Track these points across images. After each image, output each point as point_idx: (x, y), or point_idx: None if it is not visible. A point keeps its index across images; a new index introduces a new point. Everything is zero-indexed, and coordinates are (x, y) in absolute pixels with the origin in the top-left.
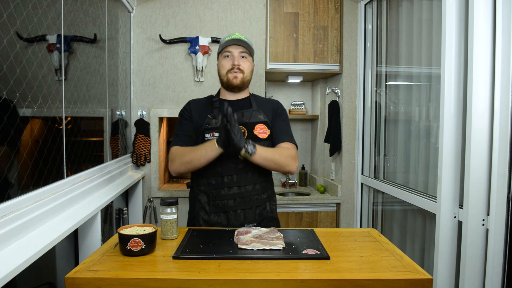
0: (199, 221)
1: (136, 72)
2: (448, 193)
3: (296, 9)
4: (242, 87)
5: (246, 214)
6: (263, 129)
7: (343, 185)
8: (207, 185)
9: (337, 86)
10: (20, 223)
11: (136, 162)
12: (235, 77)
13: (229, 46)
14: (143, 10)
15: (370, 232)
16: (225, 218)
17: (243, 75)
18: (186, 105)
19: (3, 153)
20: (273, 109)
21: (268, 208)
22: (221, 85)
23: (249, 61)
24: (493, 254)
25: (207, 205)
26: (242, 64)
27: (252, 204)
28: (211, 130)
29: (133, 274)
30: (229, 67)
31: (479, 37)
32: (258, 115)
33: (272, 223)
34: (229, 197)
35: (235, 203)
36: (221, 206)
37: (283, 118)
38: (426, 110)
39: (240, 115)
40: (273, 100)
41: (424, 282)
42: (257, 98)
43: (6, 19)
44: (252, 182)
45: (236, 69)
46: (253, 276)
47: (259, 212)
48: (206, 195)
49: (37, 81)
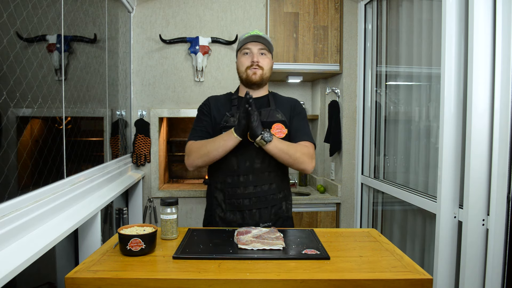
0: (216, 218)
1: (136, 72)
2: (448, 193)
3: (296, 9)
4: (261, 83)
5: (262, 214)
6: (281, 128)
7: (343, 185)
8: (223, 183)
9: (337, 86)
10: (20, 223)
11: (136, 162)
12: (254, 73)
13: (248, 43)
14: (143, 10)
15: (370, 232)
16: (240, 217)
17: (262, 71)
18: (205, 101)
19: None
20: (291, 107)
21: (284, 207)
22: (240, 82)
23: (268, 58)
24: (493, 254)
25: (223, 203)
26: (261, 60)
27: (267, 203)
28: (229, 128)
29: (133, 274)
30: (248, 63)
31: (479, 37)
32: (276, 114)
33: (288, 222)
34: (244, 196)
35: (250, 203)
36: (236, 205)
37: (301, 117)
38: (426, 110)
39: (258, 113)
40: (292, 99)
41: (424, 282)
42: (276, 97)
43: (6, 19)
44: (268, 182)
45: (256, 66)
46: (253, 276)
47: (274, 212)
48: (222, 193)
49: (37, 81)
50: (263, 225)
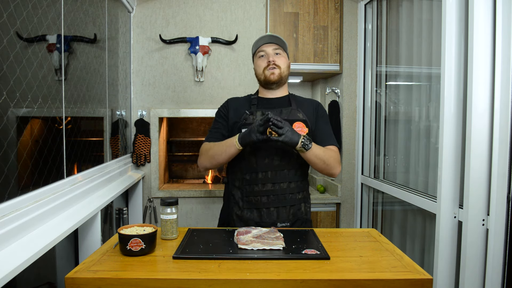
0: (233, 216)
1: (136, 72)
2: (448, 193)
3: (296, 9)
4: (280, 82)
5: (280, 213)
6: (302, 127)
7: (343, 185)
8: (241, 181)
9: (337, 86)
10: (20, 223)
11: (136, 162)
12: (272, 73)
13: (262, 46)
14: (143, 10)
15: (370, 232)
16: (257, 215)
17: (280, 70)
18: (224, 103)
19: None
20: (315, 109)
21: (303, 209)
22: (259, 85)
23: (284, 57)
24: (493, 254)
25: (241, 201)
26: (277, 60)
27: (286, 203)
28: (248, 125)
29: (133, 274)
30: (265, 65)
31: (479, 37)
32: (297, 113)
33: (306, 224)
34: (262, 194)
35: (268, 200)
36: (254, 202)
37: (326, 121)
38: (426, 110)
39: (279, 112)
40: (314, 100)
41: (424, 282)
42: (297, 97)
43: (6, 19)
44: (287, 180)
45: (272, 65)
46: (253, 276)
47: (293, 212)
48: (240, 191)
49: (37, 81)
50: (280, 225)
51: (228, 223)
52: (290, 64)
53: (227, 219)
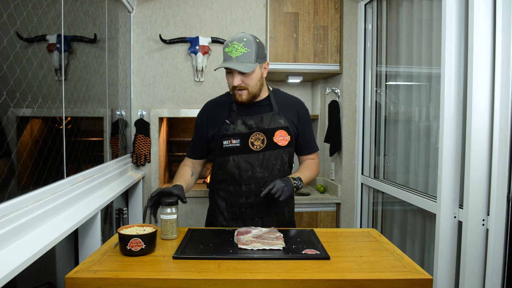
0: (217, 226)
1: (136, 72)
2: (448, 193)
3: (296, 9)
4: (252, 100)
5: (264, 222)
6: (284, 135)
7: (343, 185)
8: (225, 191)
9: (337, 86)
10: (20, 223)
11: (136, 162)
12: (240, 95)
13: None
14: (143, 10)
15: (370, 232)
16: (242, 225)
17: (248, 90)
18: (201, 110)
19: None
20: (297, 111)
21: (286, 213)
22: None
23: (253, 73)
24: (493, 254)
25: (226, 211)
26: (244, 81)
27: (270, 212)
28: (229, 136)
29: (133, 274)
30: (231, 85)
31: (479, 37)
32: (278, 120)
33: (290, 226)
34: (247, 206)
35: (253, 211)
36: (239, 214)
37: (308, 124)
38: (426, 110)
39: (259, 120)
40: (296, 100)
41: (424, 282)
42: (277, 96)
43: (6, 19)
44: None
45: (239, 88)
46: (253, 276)
47: (277, 219)
48: (225, 202)
49: (37, 81)
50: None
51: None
52: (268, 64)
53: (212, 220)
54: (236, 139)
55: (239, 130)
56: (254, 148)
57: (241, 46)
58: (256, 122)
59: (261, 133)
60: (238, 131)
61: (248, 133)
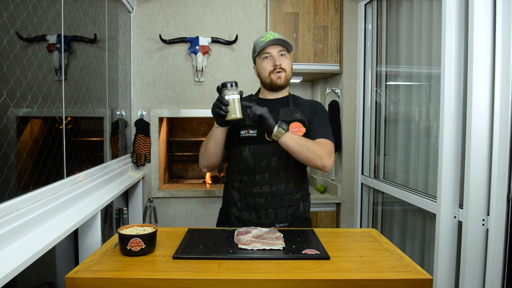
0: (231, 217)
1: (136, 72)
2: (448, 193)
3: (296, 9)
4: (286, 85)
5: (277, 213)
6: (299, 127)
7: (343, 185)
8: (239, 182)
9: (337, 86)
10: (20, 223)
11: (136, 162)
12: (278, 77)
13: (267, 47)
14: (143, 10)
15: (370, 232)
16: (255, 216)
17: (286, 73)
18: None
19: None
20: (312, 108)
21: (301, 208)
22: (262, 87)
23: (288, 59)
24: (493, 254)
25: (239, 202)
26: (283, 62)
27: (284, 203)
28: (247, 127)
29: (133, 274)
30: (271, 68)
31: (479, 37)
32: (294, 113)
33: (305, 223)
34: (260, 195)
35: (266, 202)
36: (252, 204)
37: (320, 117)
38: (426, 110)
39: (276, 113)
40: (314, 101)
41: (424, 282)
42: (296, 98)
43: (6, 19)
44: (284, 181)
45: (279, 69)
46: (253, 276)
47: (291, 212)
48: (238, 192)
49: (37, 81)
50: (278, 225)
51: (226, 223)
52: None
53: (225, 219)
54: (253, 129)
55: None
56: (270, 138)
57: (277, 34)
58: (273, 115)
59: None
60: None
61: None
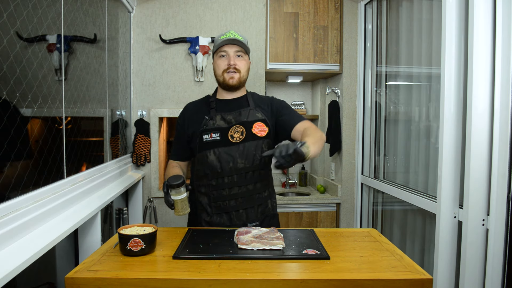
0: (201, 223)
1: (136, 72)
2: (448, 193)
3: (296, 9)
4: (239, 86)
5: (249, 213)
6: (262, 127)
7: (343, 185)
8: (207, 187)
9: (337, 86)
10: (20, 223)
11: (136, 162)
12: (231, 77)
13: (224, 46)
14: (143, 10)
15: (370, 232)
16: (227, 218)
17: (240, 74)
18: (182, 110)
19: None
20: (269, 105)
21: (269, 205)
22: (218, 85)
23: (245, 60)
24: (493, 254)
25: (209, 207)
26: (238, 63)
27: (254, 203)
28: (209, 131)
29: (133, 274)
30: (225, 67)
31: (479, 37)
32: (255, 114)
33: (274, 220)
34: (230, 198)
35: (237, 203)
36: (223, 207)
37: (282, 106)
38: (426, 110)
39: (238, 114)
40: (268, 97)
41: (424, 282)
42: (254, 96)
43: (6, 19)
44: (252, 182)
45: (233, 69)
46: (253, 276)
47: (261, 211)
48: (207, 197)
49: (37, 81)
50: (250, 224)
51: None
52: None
53: (194, 224)
54: (216, 133)
55: (218, 125)
56: (234, 140)
57: (237, 34)
58: (234, 117)
59: (240, 125)
60: (217, 125)
61: (228, 127)
